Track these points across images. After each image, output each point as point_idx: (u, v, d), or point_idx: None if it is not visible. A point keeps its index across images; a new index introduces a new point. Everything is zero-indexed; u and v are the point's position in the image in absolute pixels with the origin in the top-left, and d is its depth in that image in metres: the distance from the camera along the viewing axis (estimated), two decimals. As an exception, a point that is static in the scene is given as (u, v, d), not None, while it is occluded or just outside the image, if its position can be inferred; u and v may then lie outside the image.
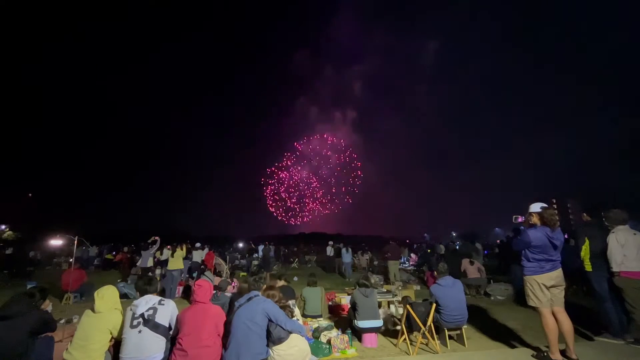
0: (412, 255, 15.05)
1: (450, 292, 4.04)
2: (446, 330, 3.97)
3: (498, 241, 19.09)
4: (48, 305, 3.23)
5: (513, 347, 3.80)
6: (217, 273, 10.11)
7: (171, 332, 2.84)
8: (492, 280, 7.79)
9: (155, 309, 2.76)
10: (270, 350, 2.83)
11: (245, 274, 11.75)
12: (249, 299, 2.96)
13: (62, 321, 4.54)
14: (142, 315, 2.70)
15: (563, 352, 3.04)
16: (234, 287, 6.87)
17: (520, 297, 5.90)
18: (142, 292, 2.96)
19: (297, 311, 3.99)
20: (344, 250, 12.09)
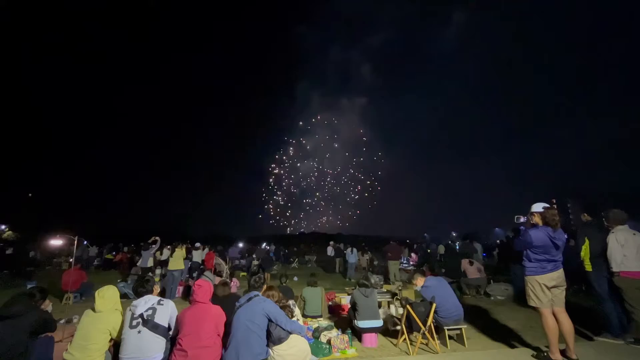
0: (412, 255, 15.05)
1: (439, 291, 4.10)
2: (446, 330, 3.97)
3: (498, 241, 19.09)
4: (48, 305, 3.22)
5: (513, 347, 3.80)
6: (217, 273, 10.12)
7: (171, 332, 2.84)
8: (492, 280, 7.79)
9: (154, 309, 2.76)
10: (270, 350, 2.83)
11: (245, 273, 11.75)
12: (249, 299, 2.96)
13: (62, 321, 4.53)
14: (141, 315, 2.70)
15: (563, 352, 3.04)
16: (237, 287, 6.89)
17: (520, 297, 5.89)
18: (138, 295, 2.96)
19: (297, 311, 3.99)
20: (348, 250, 12.08)
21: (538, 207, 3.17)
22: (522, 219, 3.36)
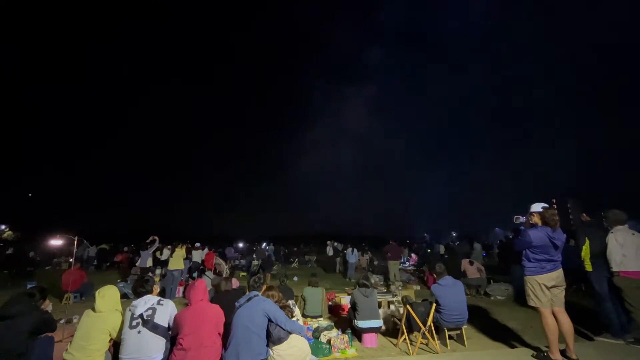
0: (412, 255, 15.05)
1: (451, 291, 4.04)
2: (446, 330, 3.97)
3: (498, 241, 19.08)
4: (48, 305, 3.23)
5: (513, 347, 3.80)
6: (217, 273, 10.13)
7: (171, 332, 2.84)
8: (492, 280, 7.79)
9: (154, 310, 2.76)
10: (270, 350, 2.83)
11: (245, 273, 11.75)
12: (249, 299, 2.96)
13: (62, 321, 4.54)
14: (140, 315, 2.69)
15: (563, 352, 3.04)
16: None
17: (520, 297, 5.89)
18: (138, 295, 2.94)
19: (297, 311, 3.99)
20: (348, 250, 12.09)
21: (537, 207, 3.18)
22: (521, 219, 3.36)
